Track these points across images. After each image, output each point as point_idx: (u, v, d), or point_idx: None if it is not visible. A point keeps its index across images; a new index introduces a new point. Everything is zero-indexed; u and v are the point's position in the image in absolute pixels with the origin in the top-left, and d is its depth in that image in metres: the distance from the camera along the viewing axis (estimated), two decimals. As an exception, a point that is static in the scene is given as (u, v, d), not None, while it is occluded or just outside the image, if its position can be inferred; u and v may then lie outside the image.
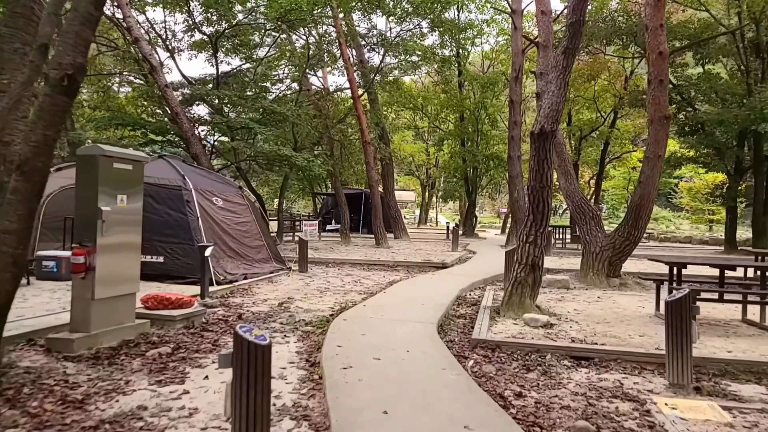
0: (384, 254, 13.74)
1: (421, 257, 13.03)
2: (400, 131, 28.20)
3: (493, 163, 24.64)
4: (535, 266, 6.50)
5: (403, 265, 11.79)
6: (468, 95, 24.94)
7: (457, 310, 7.15)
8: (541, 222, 6.48)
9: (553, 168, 6.78)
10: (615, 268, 9.72)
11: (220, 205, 9.30)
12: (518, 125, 18.56)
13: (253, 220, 10.15)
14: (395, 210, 20.85)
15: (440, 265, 11.57)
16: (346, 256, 12.75)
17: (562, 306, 7.35)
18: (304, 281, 9.36)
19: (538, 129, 6.33)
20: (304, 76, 18.45)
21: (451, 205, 52.96)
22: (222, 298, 7.38)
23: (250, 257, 9.56)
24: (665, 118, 8.90)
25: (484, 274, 10.35)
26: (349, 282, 9.44)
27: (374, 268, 11.55)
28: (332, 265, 11.78)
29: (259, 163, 14.75)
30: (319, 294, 8.05)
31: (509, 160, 18.80)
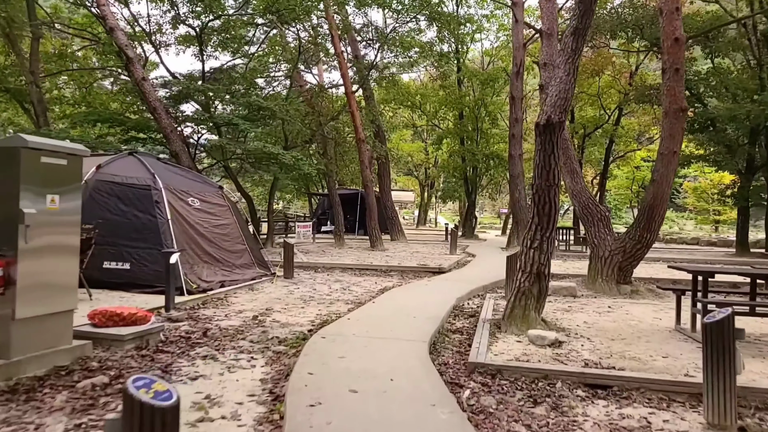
0: (378, 258, 13.00)
1: (417, 261, 12.29)
2: (398, 130, 27.45)
3: (494, 163, 23.91)
4: (541, 275, 5.75)
5: (397, 270, 11.04)
6: (467, 92, 24.21)
7: (453, 323, 6.40)
8: (548, 225, 5.73)
9: (560, 165, 6.05)
10: (626, 274, 8.97)
11: (196, 206, 8.56)
12: (519, 122, 17.86)
13: (234, 222, 9.40)
14: (392, 211, 20.11)
15: (436, 270, 10.83)
16: (337, 260, 12.01)
17: (570, 318, 6.60)
18: (288, 289, 8.62)
19: (545, 120, 5.58)
20: (296, 71, 17.71)
21: (451, 206, 52.23)
22: (191, 309, 6.63)
23: (230, 262, 8.82)
24: (681, 110, 8.15)
25: (484, 279, 9.61)
26: (337, 290, 8.70)
27: (366, 273, 10.80)
28: (321, 270, 11.03)
29: (246, 162, 14.01)
30: (301, 304, 7.30)
31: (510, 158, 18.09)
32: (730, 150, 15.06)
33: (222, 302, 7.23)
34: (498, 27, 25.05)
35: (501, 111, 25.24)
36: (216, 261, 8.48)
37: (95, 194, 7.50)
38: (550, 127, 5.56)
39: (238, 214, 9.71)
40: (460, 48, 23.71)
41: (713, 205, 30.08)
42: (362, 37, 20.60)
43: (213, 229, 8.74)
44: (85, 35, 15.55)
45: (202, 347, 4.91)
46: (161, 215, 7.42)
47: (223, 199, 9.43)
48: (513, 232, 17.92)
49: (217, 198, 9.28)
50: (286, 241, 9.48)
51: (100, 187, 7.56)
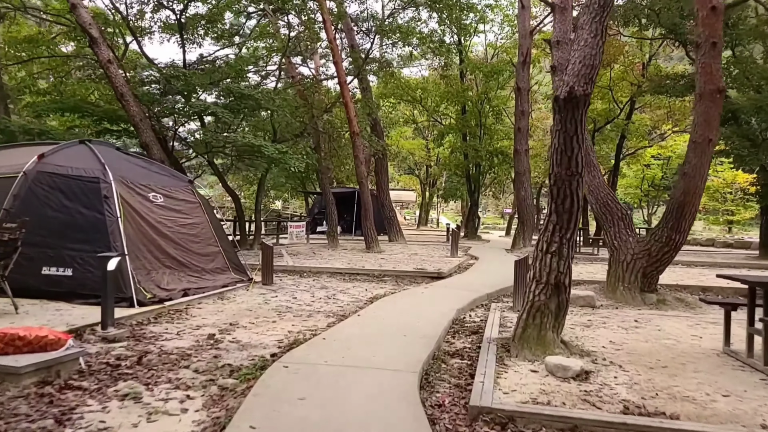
0: (372, 261, 11.90)
1: (414, 265, 11.19)
2: (398, 127, 26.32)
3: (498, 160, 22.77)
4: (560, 286, 4.65)
5: (392, 275, 9.94)
6: (470, 86, 23.09)
7: (452, 343, 5.29)
8: (569, 225, 4.62)
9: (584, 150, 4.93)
10: (650, 281, 7.85)
11: (159, 202, 7.48)
12: (526, 115, 16.75)
13: (206, 221, 8.32)
14: (390, 210, 19.01)
15: (435, 275, 9.72)
16: (326, 264, 10.91)
17: (592, 336, 5.49)
18: (264, 297, 7.53)
19: (566, 92, 4.47)
20: (288, 62, 16.64)
21: (453, 205, 51.09)
22: (138, 325, 5.54)
23: (199, 267, 7.74)
24: (718, 91, 7.03)
25: (488, 286, 8.50)
26: (321, 298, 7.60)
27: (357, 278, 9.71)
28: (307, 275, 9.93)
29: (229, 156, 12.93)
30: (274, 317, 6.22)
31: (515, 154, 16.97)
32: (754, 144, 13.92)
33: (180, 315, 6.14)
34: (503, 18, 23.93)
35: (505, 106, 24.11)
36: (181, 266, 7.40)
37: (35, 187, 6.44)
38: (573, 101, 4.45)
39: (211, 212, 8.63)
40: (462, 39, 22.60)
41: (726, 204, 28.91)
42: (359, 27, 19.53)
43: (179, 229, 7.66)
44: (63, 22, 14.51)
45: (129, 380, 3.82)
46: (110, 212, 6.34)
47: (193, 195, 8.35)
48: (518, 232, 16.81)
49: (185, 194, 8.20)
50: (265, 243, 8.40)
51: (41, 179, 6.49)
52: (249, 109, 11.83)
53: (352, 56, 16.94)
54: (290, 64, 17.05)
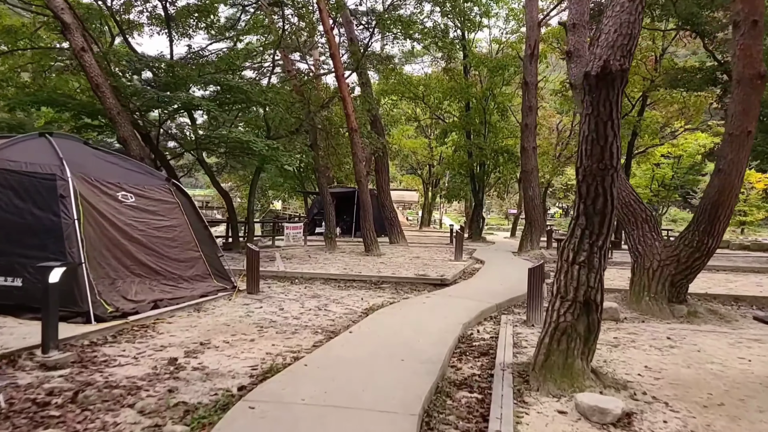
0: (370, 265, 11.09)
1: (416, 270, 10.38)
2: (400, 125, 25.48)
3: (503, 158, 21.92)
4: (591, 305, 3.84)
5: (391, 281, 9.13)
6: (474, 82, 22.28)
7: (458, 368, 4.49)
8: (601, 230, 3.82)
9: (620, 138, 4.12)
10: (679, 291, 7.03)
11: (129, 202, 6.69)
12: (533, 111, 15.92)
13: (185, 223, 7.53)
14: (390, 210, 18.20)
15: (438, 282, 8.91)
16: (320, 269, 10.11)
17: (623, 359, 4.68)
18: (247, 308, 6.73)
19: (598, 67, 3.65)
20: (284, 56, 15.86)
21: (456, 206, 50.24)
22: (91, 346, 4.75)
23: (175, 274, 6.95)
24: (759, 76, 6.19)
25: (497, 295, 7.69)
26: (311, 309, 6.80)
27: (353, 286, 8.90)
28: (299, 282, 9.13)
29: (214, 151, 12.17)
30: (254, 334, 5.42)
31: (522, 152, 16.14)
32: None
33: (145, 332, 5.34)
34: (508, 12, 23.09)
35: (510, 104, 23.28)
36: (154, 273, 6.61)
37: (-16, 186, 5.66)
38: (608, 78, 3.64)
39: (192, 213, 7.83)
40: (466, 33, 21.78)
41: (739, 205, 28.01)
42: (358, 20, 18.74)
43: (153, 233, 6.87)
44: (47, 12, 13.75)
45: (52, 428, 3.03)
46: (66, 214, 5.55)
47: (170, 195, 7.56)
48: (526, 234, 15.98)
49: (162, 193, 7.41)
50: (250, 247, 7.59)
51: (-9, 176, 5.70)
52: (239, 104, 11.05)
53: (351, 50, 16.14)
54: (287, 58, 16.27)
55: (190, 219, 7.67)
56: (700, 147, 26.15)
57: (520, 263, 12.64)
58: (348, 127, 13.61)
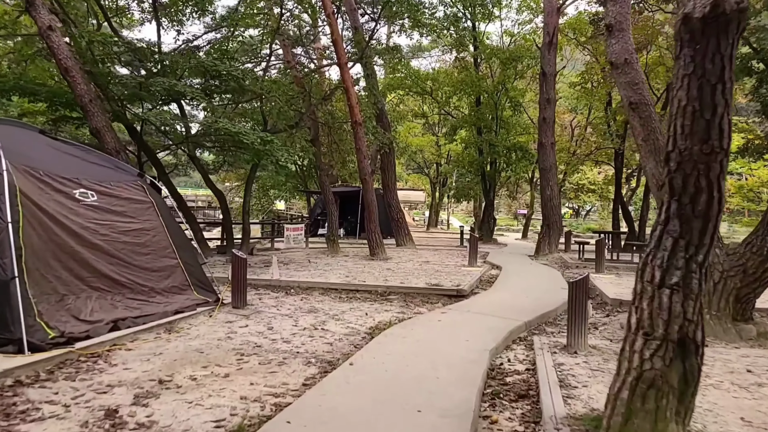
0: (376, 272, 10.00)
1: (427, 278, 9.27)
2: (405, 121, 24.34)
3: (516, 156, 20.76)
4: (689, 345, 2.72)
5: (400, 292, 8.02)
6: (486, 75, 21.15)
7: (493, 423, 3.38)
8: (702, 239, 2.70)
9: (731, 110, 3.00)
10: (745, 307, 5.89)
11: (89, 202, 5.63)
12: (552, 104, 14.77)
13: (161, 225, 6.46)
14: (397, 211, 17.09)
15: (454, 293, 7.80)
16: (319, 278, 9.03)
17: (707, 406, 3.59)
18: (229, 328, 5.65)
19: (706, 5, 2.53)
20: (284, 45, 14.81)
21: (463, 206, 49.03)
22: (15, 387, 3.68)
23: (146, 287, 5.88)
24: None
25: (524, 311, 6.57)
26: (306, 329, 5.72)
27: (356, 297, 7.80)
28: (295, 293, 8.05)
29: (204, 145, 11.12)
30: (231, 364, 4.35)
31: (540, 148, 14.99)
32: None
33: (94, 364, 4.27)
34: (520, 2, 21.91)
35: (523, 98, 22.10)
36: (118, 286, 5.55)
37: None
38: (720, 22, 2.52)
39: (168, 214, 6.77)
40: (477, 24, 20.64)
41: (761, 205, 26.70)
42: (363, 9, 17.67)
43: (119, 237, 5.81)
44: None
45: None
46: None
47: (142, 193, 6.50)
48: (543, 237, 14.82)
49: (132, 191, 6.35)
50: (235, 254, 6.51)
51: None
52: (231, 93, 10.02)
53: (355, 39, 15.04)
54: (286, 48, 15.22)
55: (167, 221, 6.61)
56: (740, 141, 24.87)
57: (540, 270, 11.51)
58: (351, 120, 12.51)
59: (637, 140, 6.59)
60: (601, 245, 10.83)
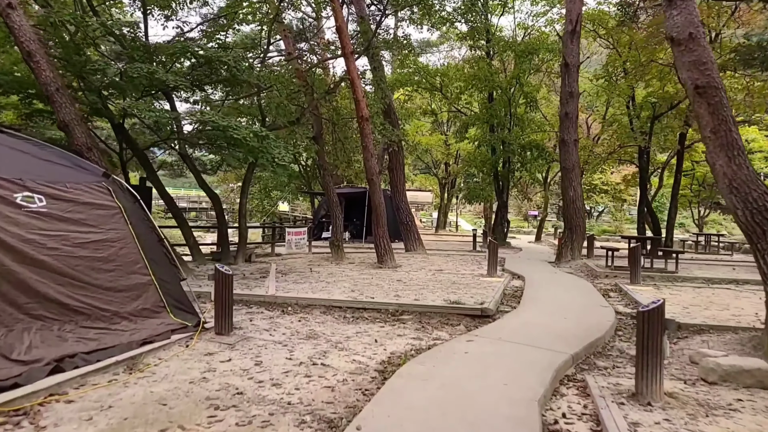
0: (385, 283, 8.90)
1: (444, 291, 8.16)
2: (413, 118, 23.20)
3: (531, 154, 19.61)
4: None
5: (415, 311, 6.91)
6: (499, 69, 20.01)
7: None
8: None
9: None
10: None
11: (35, 208, 4.57)
12: (575, 97, 13.63)
13: (130, 236, 5.39)
14: (406, 214, 15.98)
15: (478, 313, 6.68)
16: (321, 292, 7.94)
17: None
18: (208, 364, 4.57)
19: None
20: (284, 35, 13.75)
21: (471, 207, 47.78)
22: None
23: (108, 312, 4.82)
24: None
25: (567, 338, 5.45)
26: (302, 365, 4.63)
27: (363, 317, 6.70)
28: (292, 311, 6.96)
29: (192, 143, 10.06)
30: (199, 427, 3.26)
31: (562, 146, 13.84)
32: None
33: (15, 427, 3.20)
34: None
35: (537, 93, 20.94)
36: (71, 313, 4.48)
37: None
38: None
39: (142, 222, 5.70)
40: (489, 15, 19.50)
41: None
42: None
43: (74, 251, 4.74)
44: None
45: None
46: None
47: (108, 196, 5.43)
48: (566, 242, 13.67)
49: (93, 193, 5.28)
50: (220, 270, 5.43)
51: None
52: (222, 83, 8.98)
53: (362, 29, 13.96)
54: (287, 39, 14.16)
55: (138, 230, 5.53)
56: (745, 143, 23.61)
57: (568, 280, 10.37)
58: (357, 116, 11.42)
59: (704, 132, 5.45)
60: (637, 253, 9.67)
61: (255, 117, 11.53)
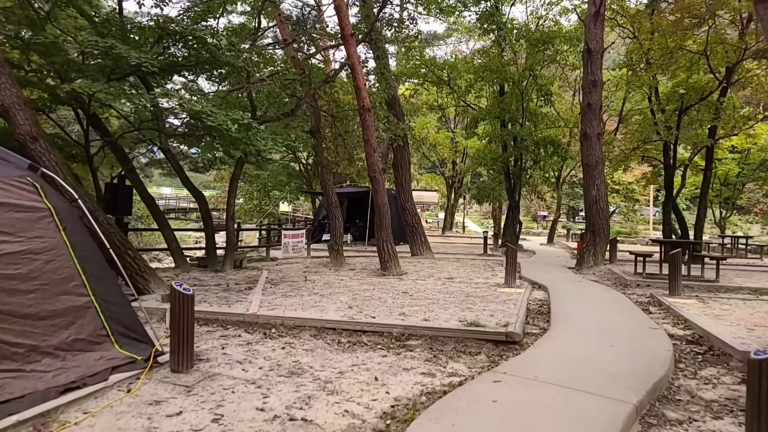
0: (389, 296, 7.71)
1: (457, 306, 6.96)
2: (420, 115, 21.91)
3: (546, 151, 18.36)
4: None
5: (424, 334, 5.71)
6: (511, 61, 18.77)
7: None
8: None
9: None
10: None
11: None
12: (599, 86, 12.40)
13: (62, 245, 4.24)
14: (412, 215, 14.78)
15: (502, 338, 5.46)
16: (313, 308, 6.75)
17: None
18: (149, 421, 3.39)
19: None
20: (279, 19, 12.59)
21: (479, 207, 46.42)
22: None
23: (23, 346, 3.67)
24: None
25: (620, 376, 4.24)
26: (276, 419, 3.45)
27: (361, 342, 5.50)
28: (276, 335, 5.76)
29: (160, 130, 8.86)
30: None
31: (584, 140, 12.61)
32: None
33: None
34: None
35: (552, 86, 19.67)
36: (-39, 351, 3.31)
37: None
38: None
39: (80, 227, 4.54)
40: (500, 4, 18.25)
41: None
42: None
43: (-25, 267, 3.58)
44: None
45: None
46: None
47: (34, 195, 4.27)
48: (588, 246, 12.42)
49: (13, 192, 4.12)
50: (176, 289, 4.25)
51: None
52: (202, 65, 7.81)
53: (363, 13, 12.77)
54: (282, 24, 12.99)
55: (75, 237, 4.37)
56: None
57: (597, 292, 9.14)
58: (359, 106, 10.23)
59: None
60: (678, 260, 8.44)
61: (246, 109, 10.36)
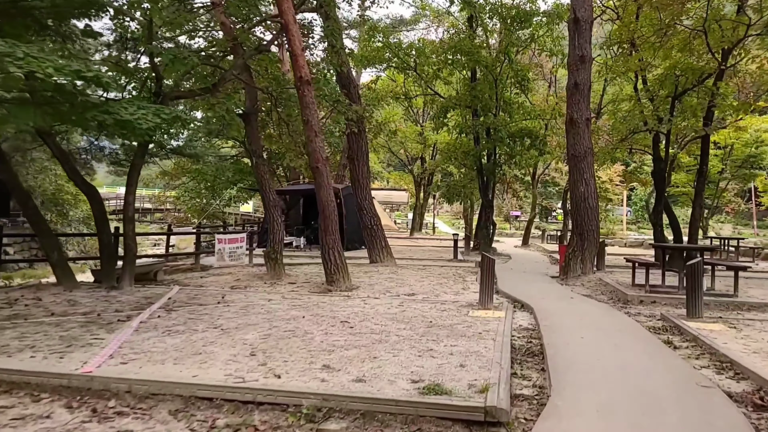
0: (321, 329, 5.55)
1: (413, 346, 4.88)
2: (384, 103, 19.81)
3: (522, 144, 16.51)
4: None
5: (354, 409, 3.54)
6: (484, 43, 16.87)
7: None
8: None
9: None
10: None
11: None
12: (587, 63, 10.54)
13: None
14: (370, 215, 12.66)
15: (480, 417, 3.35)
16: (191, 361, 4.54)
17: None
18: None
19: None
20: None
21: (450, 207, 44.63)
22: None
23: None
24: None
25: None
26: None
27: (247, 426, 3.31)
28: (113, 413, 3.52)
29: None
30: None
31: (570, 126, 10.71)
32: None
33: None
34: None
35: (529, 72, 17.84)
36: None
37: None
38: None
39: None
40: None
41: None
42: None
43: None
44: None
45: None
46: None
47: None
48: (576, 252, 10.52)
49: None
50: None
51: None
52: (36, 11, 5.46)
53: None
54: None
55: None
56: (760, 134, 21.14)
57: (597, 312, 7.21)
58: (295, 77, 8.05)
59: None
60: (699, 272, 6.56)
61: (149, 79, 8.07)
